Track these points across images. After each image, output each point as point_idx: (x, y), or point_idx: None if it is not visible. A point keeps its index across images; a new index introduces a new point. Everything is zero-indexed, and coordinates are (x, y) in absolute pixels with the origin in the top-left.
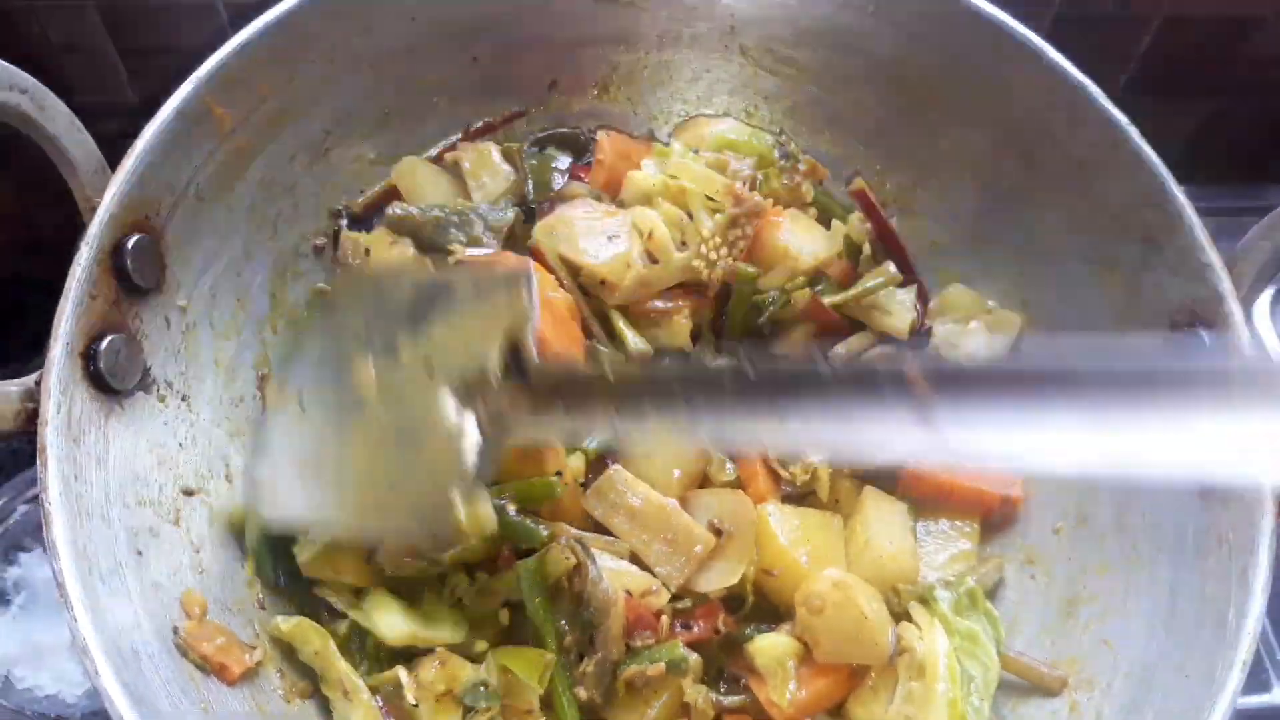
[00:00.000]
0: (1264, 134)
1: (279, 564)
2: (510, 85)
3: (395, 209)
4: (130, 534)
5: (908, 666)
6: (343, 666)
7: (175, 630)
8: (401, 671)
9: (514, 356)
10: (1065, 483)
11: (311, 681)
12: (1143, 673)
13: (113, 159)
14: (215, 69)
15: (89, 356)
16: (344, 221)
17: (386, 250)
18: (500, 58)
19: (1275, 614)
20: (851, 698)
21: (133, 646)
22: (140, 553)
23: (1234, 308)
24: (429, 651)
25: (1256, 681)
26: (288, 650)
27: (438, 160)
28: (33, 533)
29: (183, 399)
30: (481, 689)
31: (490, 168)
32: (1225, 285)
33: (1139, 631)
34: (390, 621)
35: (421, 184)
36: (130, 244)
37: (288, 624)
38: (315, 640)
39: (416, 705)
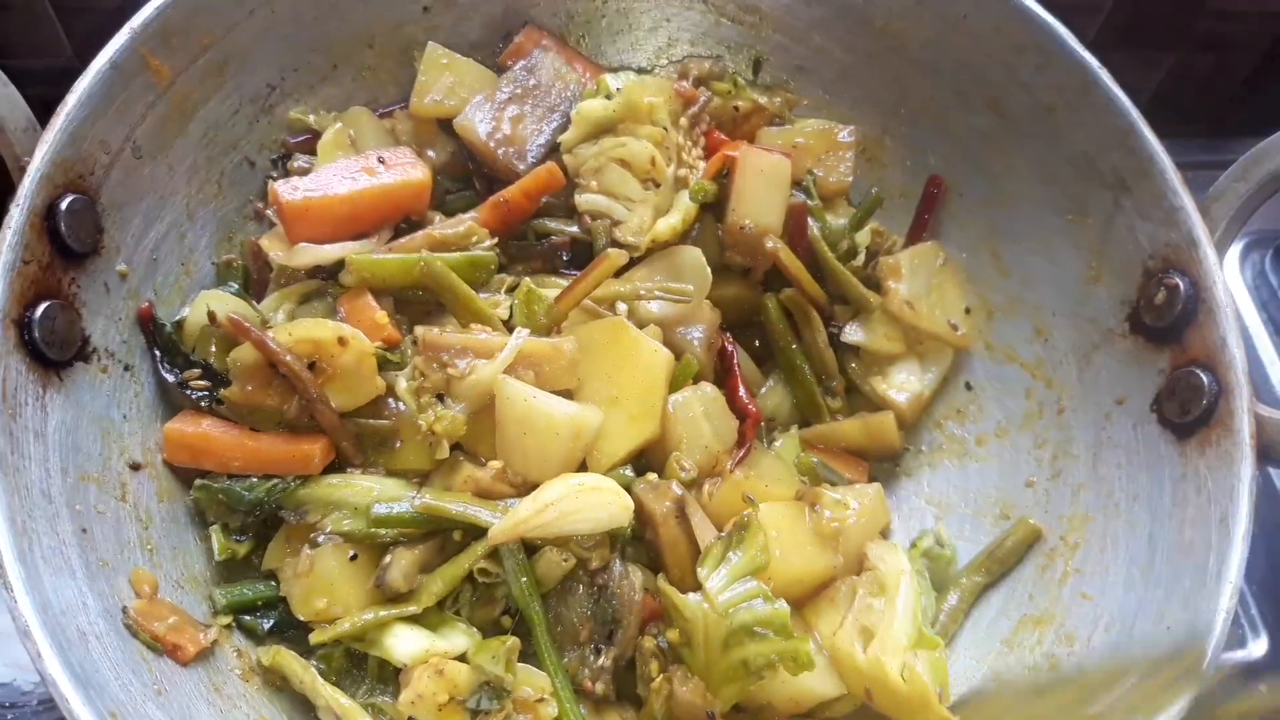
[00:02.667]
0: (1228, 87)
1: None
2: (463, 37)
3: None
4: (73, 510)
5: (869, 583)
6: (328, 693)
7: (124, 610)
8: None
9: None
10: (1039, 435)
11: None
12: (1123, 625)
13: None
14: (151, 18)
15: (23, 325)
16: (271, 175)
17: None
18: (452, 6)
19: (1248, 568)
20: (808, 608)
21: (79, 628)
22: (85, 530)
23: (1209, 252)
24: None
25: (1232, 636)
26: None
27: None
28: None
29: (126, 369)
30: (486, 688)
31: (426, 136)
32: (1200, 229)
33: (1118, 583)
34: (402, 642)
35: (364, 137)
36: (64, 205)
37: (266, 655)
38: (297, 670)
39: None
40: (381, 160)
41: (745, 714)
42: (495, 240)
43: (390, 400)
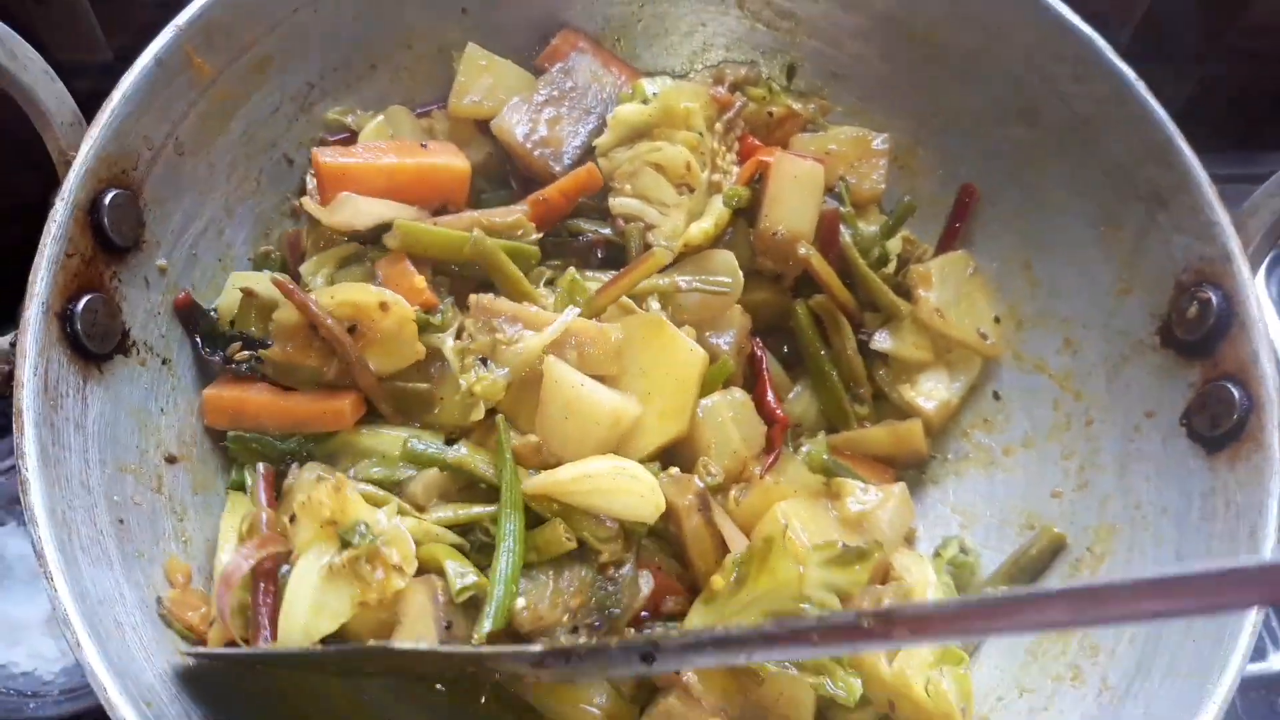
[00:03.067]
0: (1258, 101)
1: None
2: (501, 38)
3: None
4: (111, 501)
5: (895, 594)
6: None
7: (159, 600)
8: (318, 470)
9: None
10: (1066, 445)
11: None
12: (1149, 636)
13: (88, 117)
14: (196, 15)
15: (65, 317)
16: (310, 174)
17: None
18: (490, 7)
19: None
20: None
21: (115, 618)
22: (122, 520)
23: (1242, 267)
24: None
25: (1255, 649)
26: None
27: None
28: (6, 506)
29: (164, 362)
30: (362, 528)
31: (463, 135)
32: (1234, 244)
33: None
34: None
35: (402, 134)
36: (107, 199)
37: None
38: None
39: (293, 519)
40: (424, 146)
41: None
42: (539, 235)
43: (431, 366)
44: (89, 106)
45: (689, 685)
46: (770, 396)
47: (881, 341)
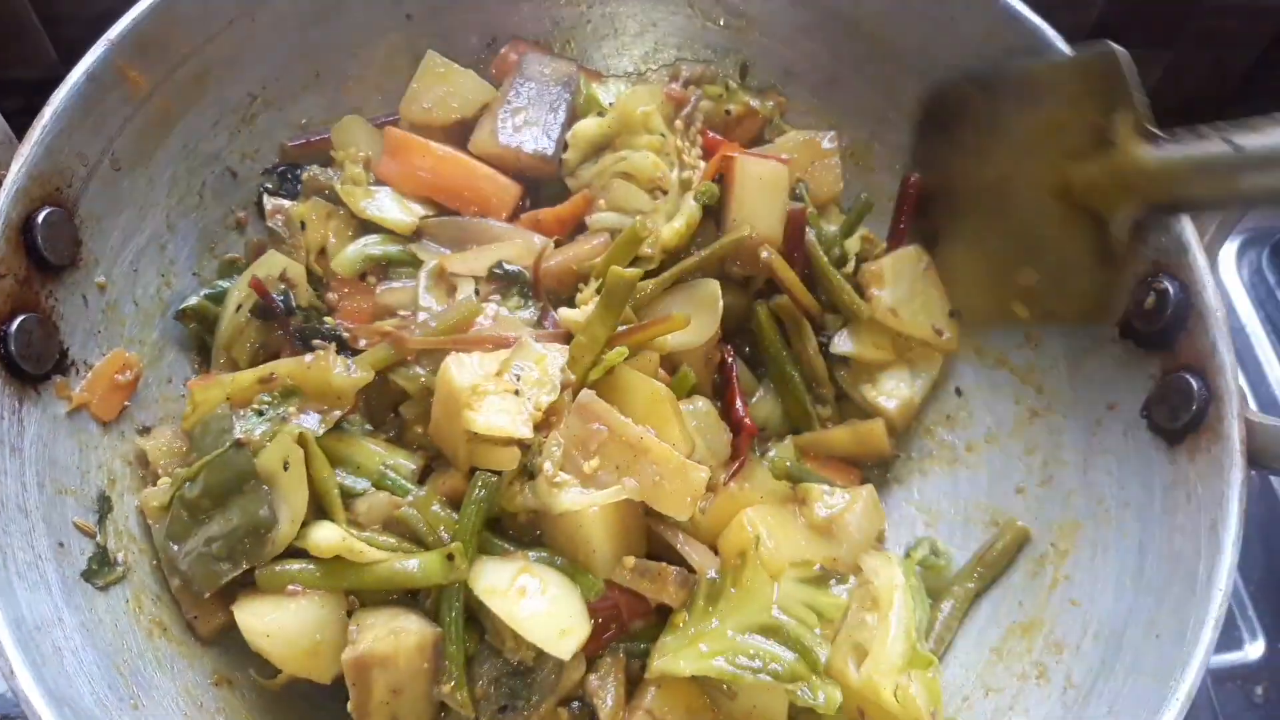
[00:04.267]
0: (1220, 86)
1: None
2: (446, 43)
3: (316, 173)
4: (50, 524)
5: (863, 597)
6: None
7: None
8: None
9: None
10: (1029, 440)
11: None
12: (1112, 633)
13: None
14: (128, 30)
15: None
16: (266, 186)
17: (321, 224)
18: (435, 13)
19: (1245, 570)
20: None
21: (54, 643)
22: (61, 544)
23: (1199, 257)
24: None
25: (1229, 639)
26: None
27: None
28: None
29: None
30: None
31: (454, 85)
32: (1190, 233)
33: (1107, 590)
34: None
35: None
36: (41, 218)
37: None
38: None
39: None
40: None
41: None
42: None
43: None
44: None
45: (650, 710)
46: (739, 404)
47: (841, 344)
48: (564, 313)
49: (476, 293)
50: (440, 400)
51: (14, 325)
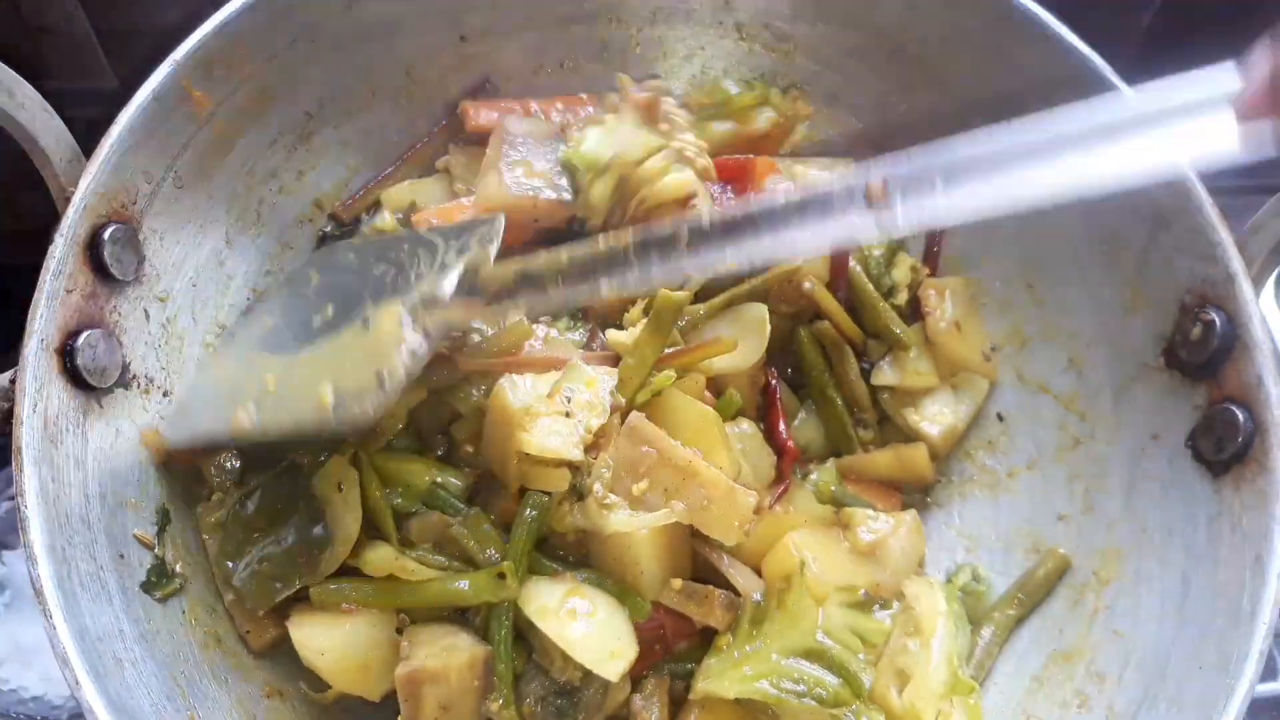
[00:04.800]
0: (1216, 22)
1: None
2: (499, 64)
3: (369, 226)
4: (111, 536)
5: (904, 624)
6: None
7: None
8: None
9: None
10: (1072, 468)
11: (291, 684)
12: (1155, 663)
13: (93, 145)
14: (193, 50)
15: (65, 353)
16: (327, 228)
17: None
18: (488, 35)
19: None
20: None
21: (115, 654)
22: (122, 555)
23: (1245, 288)
24: None
25: (1265, 669)
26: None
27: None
28: (16, 530)
29: (165, 395)
30: None
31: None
32: (1236, 264)
33: (1150, 620)
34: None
35: (412, 198)
36: (107, 234)
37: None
38: None
39: None
40: None
41: None
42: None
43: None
44: (94, 135)
45: None
46: (782, 427)
47: (886, 374)
48: (612, 335)
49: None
50: (493, 421)
51: (80, 340)
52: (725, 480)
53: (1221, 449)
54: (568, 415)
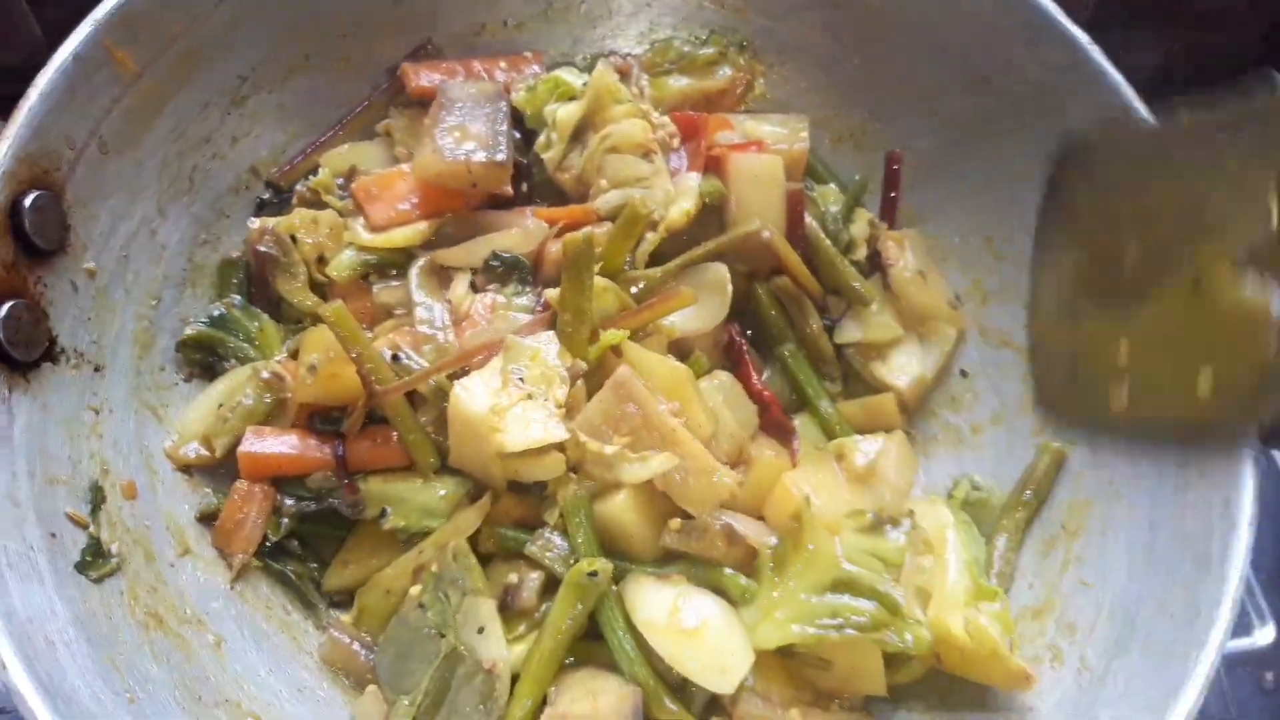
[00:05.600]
0: (1228, 66)
1: None
2: (435, 27)
3: (303, 189)
4: (41, 514)
5: (915, 544)
6: None
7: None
8: None
9: None
10: (1036, 421)
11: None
12: (1125, 613)
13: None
14: (115, 8)
15: None
16: (265, 195)
17: (311, 232)
18: None
19: (1254, 556)
20: None
21: (46, 636)
22: (54, 534)
23: None
24: None
25: (1239, 624)
26: None
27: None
28: None
29: (95, 369)
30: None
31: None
32: None
33: (1119, 570)
34: None
35: (352, 162)
36: (28, 202)
37: None
38: None
39: None
40: None
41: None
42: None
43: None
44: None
45: (754, 689)
46: (754, 379)
47: (847, 332)
48: (549, 292)
49: (473, 285)
50: (457, 431)
51: (2, 311)
52: (706, 455)
53: None
54: (530, 397)
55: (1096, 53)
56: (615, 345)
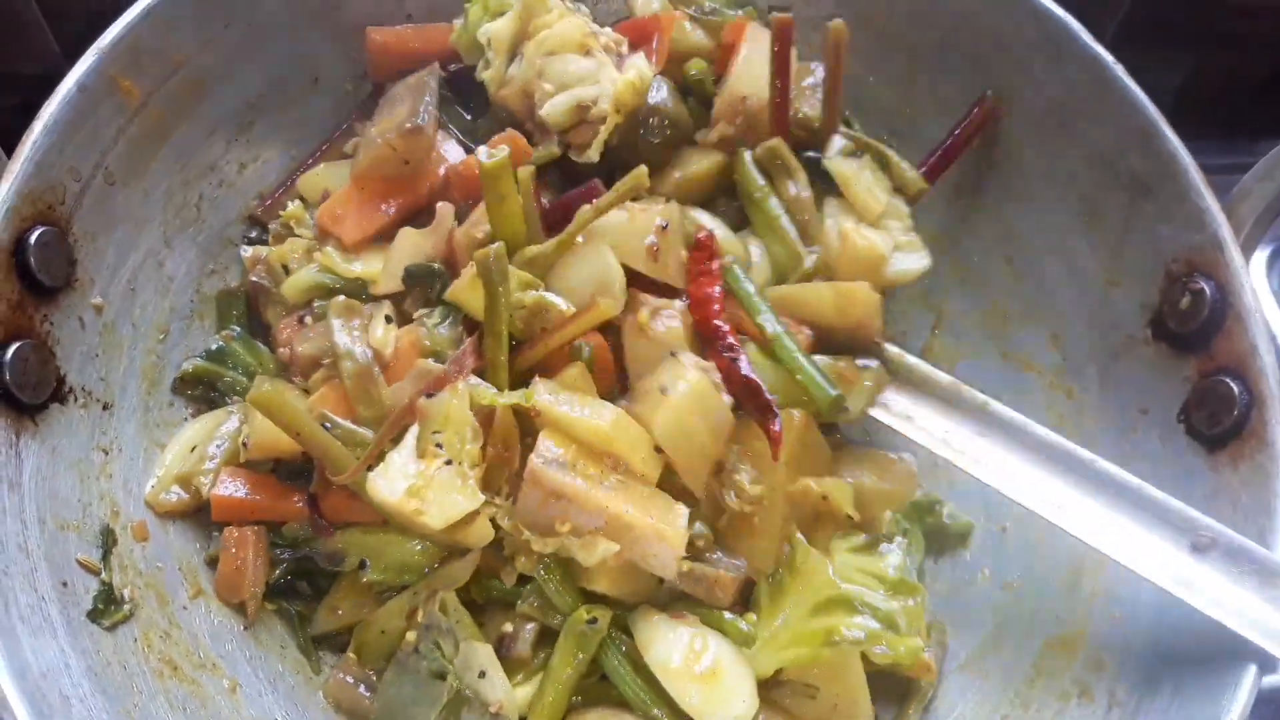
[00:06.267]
0: (1249, 87)
1: None
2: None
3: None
4: (52, 563)
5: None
6: None
7: None
8: None
9: None
10: None
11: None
12: (1155, 651)
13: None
14: (119, 37)
15: None
16: (251, 234)
17: (305, 262)
18: (436, 12)
19: None
20: None
21: (61, 691)
22: (65, 583)
23: (1234, 255)
24: None
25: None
26: None
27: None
28: None
29: (104, 407)
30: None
31: None
32: (1224, 231)
33: (1149, 603)
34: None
35: (324, 186)
36: (33, 239)
37: None
38: None
39: None
40: None
41: None
42: None
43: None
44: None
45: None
46: (741, 366)
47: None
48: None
49: (388, 319)
50: (389, 516)
51: (8, 353)
52: (649, 524)
53: (1217, 423)
54: (449, 463)
55: (1121, 73)
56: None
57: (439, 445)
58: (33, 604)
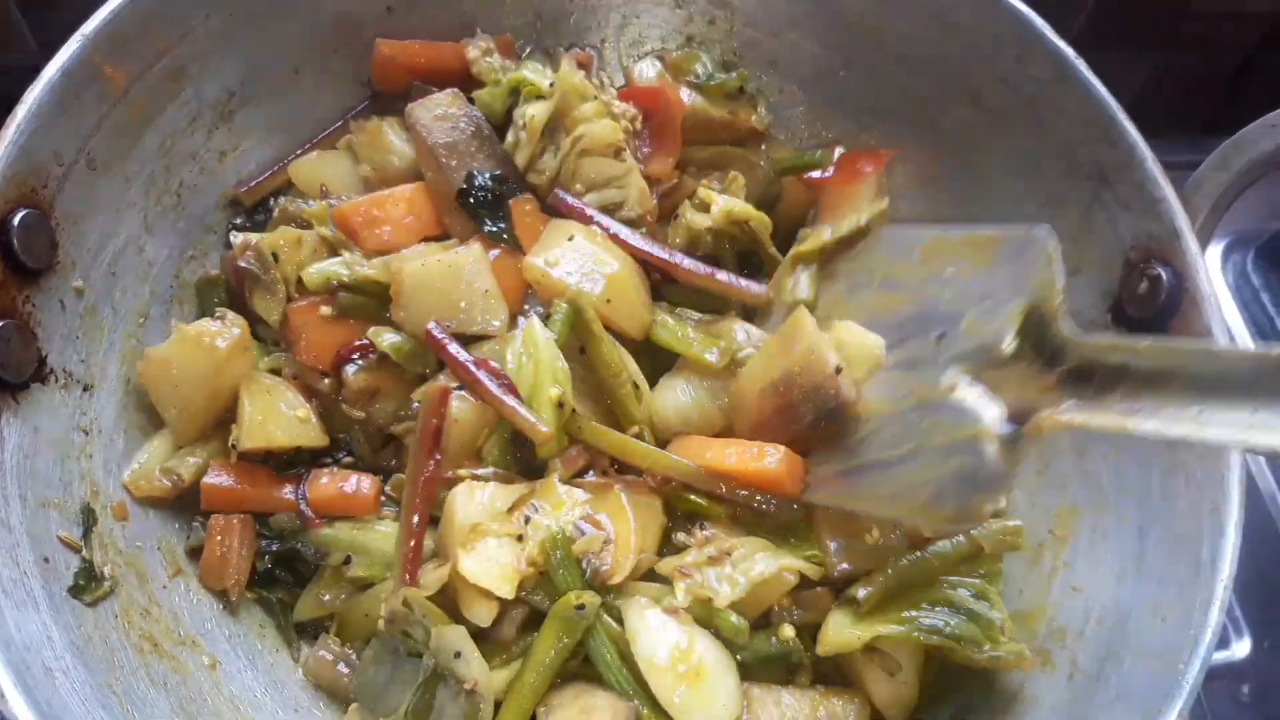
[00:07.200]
0: (1211, 88)
1: None
2: (427, 35)
3: (286, 204)
4: (34, 538)
5: None
6: None
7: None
8: None
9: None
10: None
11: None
12: (1116, 618)
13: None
14: (104, 24)
15: None
16: (236, 220)
17: (294, 251)
18: (416, 5)
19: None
20: None
21: (44, 663)
22: (47, 559)
23: (1191, 242)
24: None
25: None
26: None
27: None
28: None
29: (85, 389)
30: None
31: (383, 146)
32: (1181, 220)
33: (1109, 576)
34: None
35: (319, 177)
36: (16, 220)
37: None
38: None
39: None
40: None
41: None
42: None
43: None
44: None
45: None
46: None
47: None
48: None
49: None
50: (444, 524)
51: None
52: None
53: None
54: (519, 539)
55: (1083, 67)
56: None
57: (527, 519)
58: (15, 578)
